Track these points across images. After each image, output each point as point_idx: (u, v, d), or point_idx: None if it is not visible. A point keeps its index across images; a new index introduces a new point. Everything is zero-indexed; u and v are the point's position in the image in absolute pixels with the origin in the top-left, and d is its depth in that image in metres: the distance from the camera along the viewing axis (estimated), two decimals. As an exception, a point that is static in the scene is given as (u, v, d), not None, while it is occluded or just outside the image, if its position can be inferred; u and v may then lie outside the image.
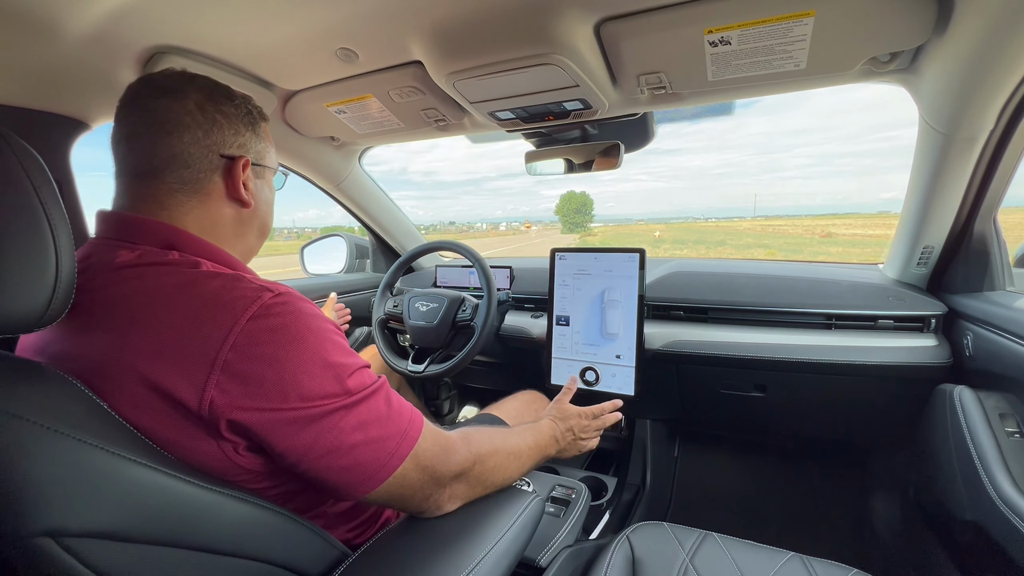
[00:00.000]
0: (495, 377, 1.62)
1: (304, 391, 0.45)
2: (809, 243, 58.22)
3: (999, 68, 0.67)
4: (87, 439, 0.39)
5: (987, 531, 0.73)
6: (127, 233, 0.53)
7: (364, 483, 0.49)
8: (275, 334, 0.45)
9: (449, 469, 0.55)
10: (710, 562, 0.73)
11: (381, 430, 0.49)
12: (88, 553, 0.38)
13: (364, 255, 1.82)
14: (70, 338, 0.48)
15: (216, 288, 0.47)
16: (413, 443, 0.51)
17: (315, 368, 0.46)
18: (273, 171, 0.66)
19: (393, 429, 0.50)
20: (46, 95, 0.79)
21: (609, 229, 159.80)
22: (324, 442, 0.46)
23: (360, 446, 0.48)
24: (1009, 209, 0.97)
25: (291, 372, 0.45)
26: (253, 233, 0.63)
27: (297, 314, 0.48)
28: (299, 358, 0.46)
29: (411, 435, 0.52)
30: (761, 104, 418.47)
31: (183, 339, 0.44)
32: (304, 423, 0.45)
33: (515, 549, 0.57)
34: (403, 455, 0.50)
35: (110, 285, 0.48)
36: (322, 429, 0.46)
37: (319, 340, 0.48)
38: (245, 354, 0.44)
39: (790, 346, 1.05)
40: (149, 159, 0.54)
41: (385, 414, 0.50)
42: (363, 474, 0.48)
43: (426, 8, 0.70)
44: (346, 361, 0.49)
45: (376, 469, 0.49)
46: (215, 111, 0.57)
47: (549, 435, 0.77)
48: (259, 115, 0.63)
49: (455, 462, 0.56)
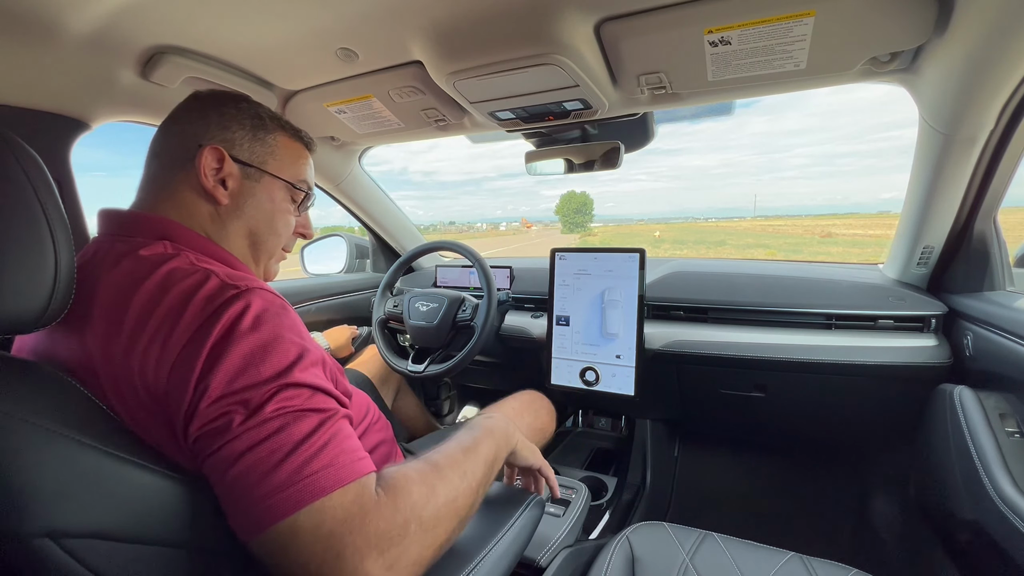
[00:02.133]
0: (495, 377, 1.62)
1: (224, 391, 0.41)
2: (809, 243, 58.20)
3: (999, 68, 0.67)
4: (86, 440, 0.39)
5: (987, 531, 0.73)
6: (122, 228, 0.54)
7: (239, 520, 0.40)
8: (224, 332, 0.42)
9: (364, 553, 0.39)
10: (710, 562, 0.73)
11: (277, 464, 0.39)
12: (87, 553, 0.38)
13: (364, 255, 1.82)
14: (67, 337, 0.48)
15: (185, 285, 0.46)
16: (310, 497, 0.39)
17: (239, 371, 0.41)
18: (279, 183, 0.61)
19: (290, 469, 0.39)
20: (46, 95, 0.79)
21: (609, 229, 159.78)
22: (215, 456, 0.40)
23: (242, 475, 0.39)
24: (1009, 209, 0.97)
25: (222, 371, 0.41)
26: (238, 237, 0.59)
27: (252, 312, 0.44)
28: (233, 357, 0.41)
29: (314, 486, 0.39)
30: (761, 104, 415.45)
31: (152, 335, 0.43)
32: (210, 424, 0.40)
33: (515, 549, 0.57)
34: (289, 506, 0.38)
35: (103, 282, 0.48)
36: (217, 439, 0.40)
37: (262, 341, 0.43)
38: (194, 349, 0.42)
39: (790, 346, 1.05)
40: (147, 153, 0.58)
41: (292, 448, 0.40)
42: (238, 508, 0.40)
43: (426, 8, 0.70)
44: (282, 372, 0.43)
45: (251, 510, 0.39)
46: (211, 108, 0.58)
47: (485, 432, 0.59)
48: (276, 124, 0.62)
49: (374, 540, 0.40)
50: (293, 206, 0.65)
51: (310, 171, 0.68)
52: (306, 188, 0.66)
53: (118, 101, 0.86)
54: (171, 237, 0.53)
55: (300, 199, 0.65)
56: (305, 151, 0.67)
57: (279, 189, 0.62)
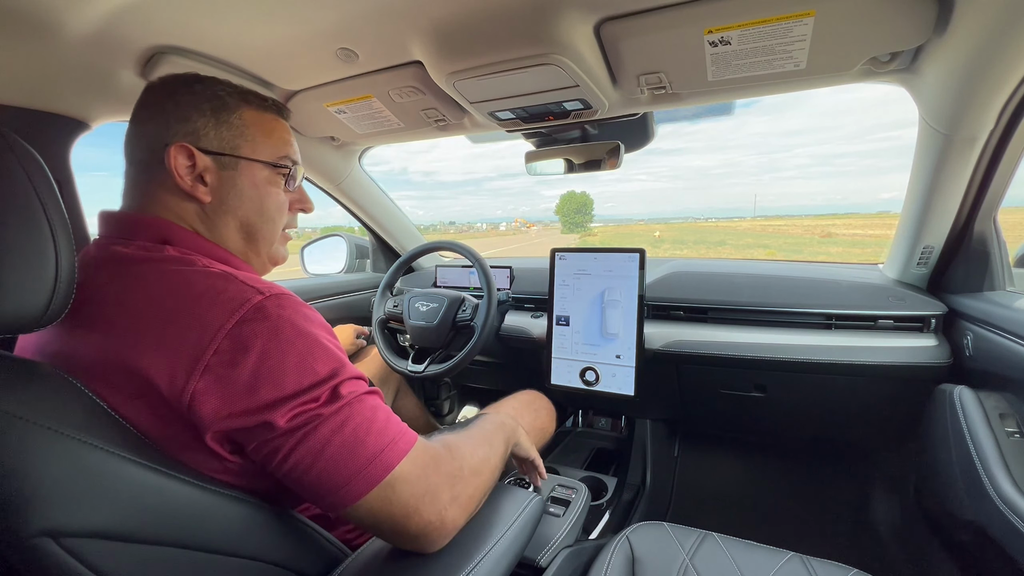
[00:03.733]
0: (495, 377, 1.62)
1: (286, 395, 0.43)
2: (809, 243, 58.19)
3: (999, 68, 0.67)
4: (87, 439, 0.39)
5: (987, 531, 0.73)
6: (122, 230, 0.53)
7: (341, 494, 0.45)
8: (261, 338, 0.44)
9: (441, 489, 0.49)
10: (710, 562, 0.73)
11: (362, 439, 0.46)
12: (87, 553, 0.38)
13: (364, 255, 1.82)
14: (68, 337, 0.48)
15: (205, 288, 0.46)
16: (399, 457, 0.47)
17: (298, 373, 0.44)
18: (258, 164, 0.57)
19: (376, 440, 0.46)
20: (46, 95, 0.79)
21: (609, 229, 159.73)
22: (301, 447, 0.44)
23: (337, 454, 0.44)
24: (1009, 209, 0.97)
25: (274, 376, 0.43)
26: (232, 233, 0.58)
27: (286, 317, 0.46)
28: (283, 362, 0.44)
29: (396, 449, 0.47)
30: (761, 104, 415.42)
31: (172, 340, 0.43)
32: (282, 427, 0.43)
33: (515, 549, 0.57)
34: (386, 467, 0.46)
35: (106, 283, 0.48)
36: (300, 434, 0.44)
37: (306, 344, 0.46)
38: (228, 358, 0.43)
39: (790, 346, 1.05)
40: (124, 154, 0.57)
41: (368, 425, 0.47)
42: (339, 483, 0.44)
43: (426, 8, 0.70)
44: (333, 367, 0.47)
45: (353, 479, 0.45)
46: (166, 98, 0.54)
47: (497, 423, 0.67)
48: (238, 99, 0.57)
49: (446, 479, 0.50)
50: (281, 185, 0.60)
51: (291, 142, 0.62)
52: (289, 163, 0.61)
53: (118, 101, 0.86)
54: (172, 240, 0.53)
55: (286, 176, 0.61)
56: (278, 120, 0.61)
57: (260, 171, 0.58)
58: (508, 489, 0.66)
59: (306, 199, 0.66)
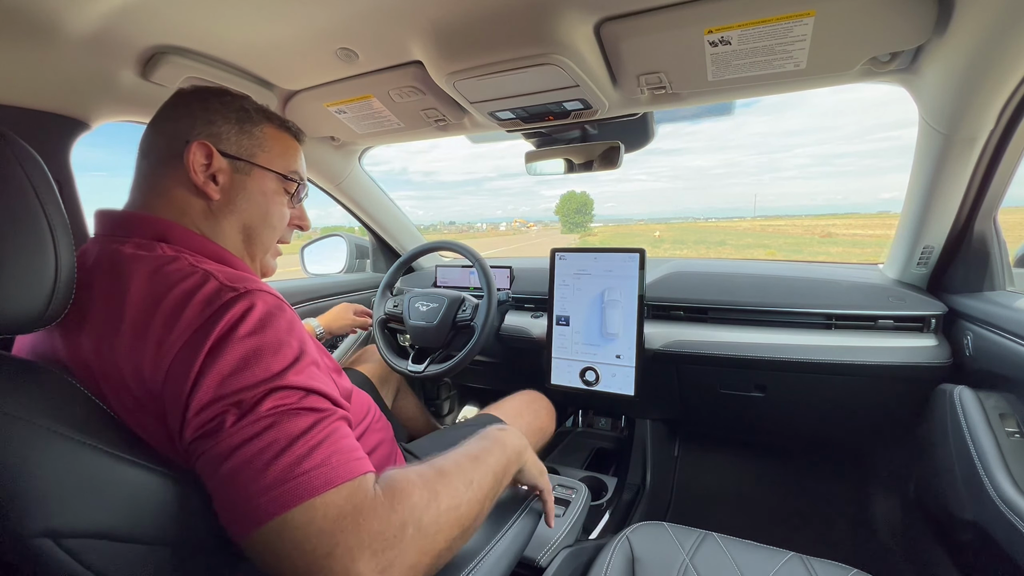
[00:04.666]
0: (495, 377, 1.62)
1: (217, 393, 0.40)
2: (809, 243, 58.19)
3: (999, 68, 0.67)
4: (86, 439, 0.39)
5: (987, 531, 0.73)
6: (118, 228, 0.54)
7: (238, 518, 0.39)
8: (221, 335, 0.42)
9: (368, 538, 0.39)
10: (710, 562, 0.73)
11: (269, 461, 0.39)
12: (87, 553, 0.38)
13: (364, 255, 1.82)
14: (66, 337, 0.48)
15: (184, 288, 0.45)
16: (317, 490, 0.38)
17: (239, 371, 0.41)
18: (271, 175, 0.61)
19: (292, 462, 0.39)
20: (46, 95, 0.79)
21: (609, 229, 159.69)
22: (208, 454, 0.40)
23: (241, 468, 0.39)
24: (1009, 209, 0.97)
25: (216, 372, 0.41)
26: (233, 232, 0.59)
27: (251, 315, 0.44)
28: (228, 359, 0.41)
29: (319, 478, 0.39)
30: (761, 104, 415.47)
31: (151, 338, 0.43)
32: (205, 425, 0.40)
33: (515, 549, 0.57)
34: (291, 499, 0.38)
35: (100, 281, 0.48)
36: (209, 441, 0.40)
37: (259, 344, 0.43)
38: (188, 355, 0.41)
39: (790, 346, 1.05)
40: (140, 149, 0.58)
41: (291, 442, 0.40)
42: (235, 505, 0.39)
43: (426, 8, 0.70)
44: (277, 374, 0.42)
45: (251, 504, 0.38)
46: (197, 103, 0.58)
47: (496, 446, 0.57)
48: (262, 116, 0.61)
49: (374, 538, 0.39)
50: (286, 198, 0.64)
51: (301, 162, 0.66)
52: (298, 179, 0.65)
53: (118, 101, 0.86)
54: (167, 238, 0.53)
55: (293, 190, 0.64)
56: (294, 141, 0.65)
57: (271, 181, 0.61)
58: (508, 489, 0.66)
59: (305, 217, 0.70)
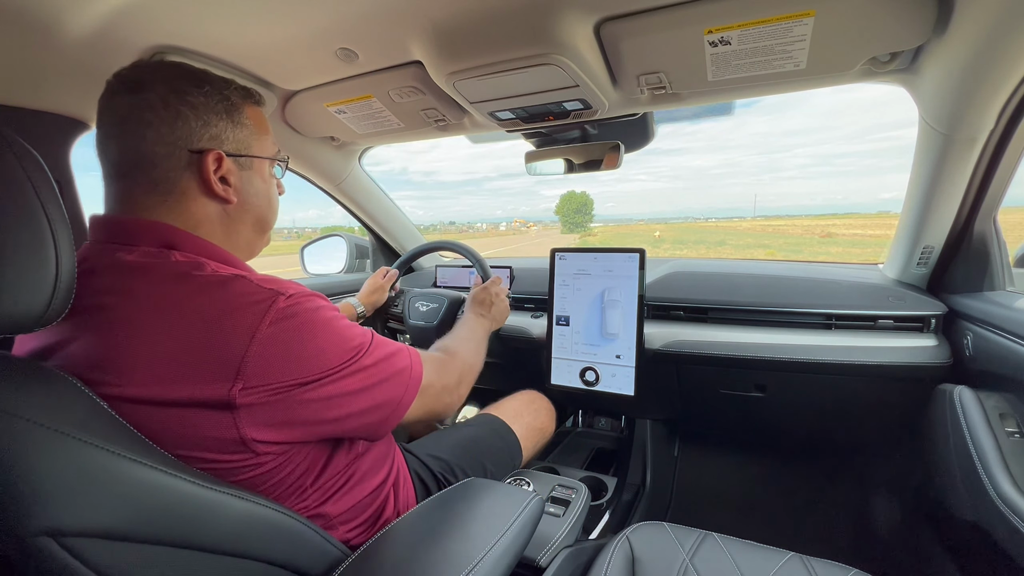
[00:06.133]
0: (495, 377, 1.62)
1: (328, 367, 0.51)
2: (809, 243, 58.19)
3: (999, 68, 0.67)
4: (87, 438, 0.39)
5: (987, 531, 0.73)
6: (122, 235, 0.52)
7: (398, 409, 0.60)
8: (293, 334, 0.49)
9: (451, 379, 0.71)
10: (710, 562, 0.73)
11: (393, 371, 0.59)
12: (88, 552, 0.38)
13: (364, 255, 1.82)
14: (69, 337, 0.48)
15: (227, 294, 0.48)
16: (419, 378, 0.63)
17: (334, 351, 0.52)
18: (266, 160, 0.62)
19: (403, 369, 0.61)
20: (46, 95, 0.79)
21: (609, 229, 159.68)
22: (360, 395, 0.55)
23: (384, 384, 0.58)
24: (1009, 209, 0.97)
25: (314, 360, 0.50)
26: (247, 229, 0.61)
27: (309, 312, 0.51)
28: (318, 348, 0.51)
29: (416, 371, 0.63)
30: (761, 104, 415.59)
31: (199, 346, 0.45)
32: (334, 387, 0.52)
33: (515, 549, 0.57)
34: (417, 383, 0.62)
35: (112, 286, 0.48)
36: (350, 381, 0.54)
37: (332, 330, 0.53)
38: (266, 356, 0.47)
39: (790, 346, 1.05)
40: (120, 162, 0.53)
41: (391, 358, 0.60)
42: (395, 403, 0.59)
43: (426, 8, 0.70)
44: (359, 342, 0.56)
45: (402, 398, 0.60)
46: (179, 103, 0.53)
47: (479, 322, 0.97)
48: (242, 98, 0.59)
49: (450, 374, 0.72)
50: (275, 175, 0.66)
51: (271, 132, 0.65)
52: (285, 157, 0.67)
53: (118, 101, 0.86)
54: (176, 245, 0.52)
55: (284, 164, 0.67)
56: (260, 109, 0.63)
57: (266, 165, 0.63)
58: (508, 489, 0.66)
59: (280, 182, 0.70)
